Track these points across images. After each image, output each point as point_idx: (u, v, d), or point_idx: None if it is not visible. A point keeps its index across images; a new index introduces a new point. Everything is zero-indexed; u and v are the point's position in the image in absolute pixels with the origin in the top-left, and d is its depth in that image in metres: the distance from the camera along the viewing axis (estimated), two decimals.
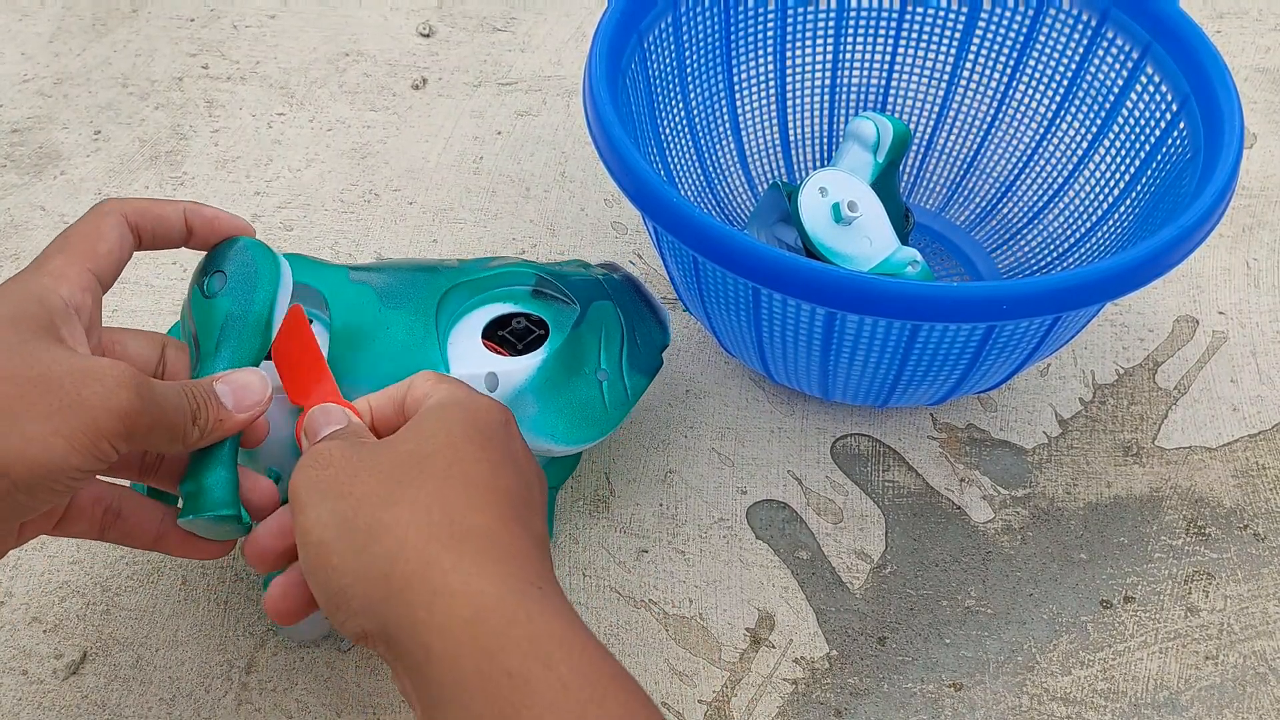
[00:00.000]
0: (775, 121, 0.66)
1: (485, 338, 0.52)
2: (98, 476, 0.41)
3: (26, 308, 0.39)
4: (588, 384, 0.51)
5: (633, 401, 0.53)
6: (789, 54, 0.65)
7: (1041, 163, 0.63)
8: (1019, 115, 0.64)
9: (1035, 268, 0.63)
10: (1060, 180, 0.63)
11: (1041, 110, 0.63)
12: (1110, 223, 0.59)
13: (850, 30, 0.64)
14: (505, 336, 0.52)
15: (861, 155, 0.60)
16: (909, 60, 0.65)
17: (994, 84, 0.64)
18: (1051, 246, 0.63)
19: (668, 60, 0.60)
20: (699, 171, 0.63)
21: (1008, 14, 0.62)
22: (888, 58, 0.65)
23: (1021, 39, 0.62)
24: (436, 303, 0.51)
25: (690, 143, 0.63)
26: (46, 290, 0.40)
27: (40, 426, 0.36)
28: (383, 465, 0.39)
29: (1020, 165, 0.64)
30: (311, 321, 0.52)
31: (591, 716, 0.34)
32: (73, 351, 0.39)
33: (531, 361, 0.51)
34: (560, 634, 0.35)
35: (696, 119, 0.63)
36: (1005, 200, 0.65)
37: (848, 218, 0.56)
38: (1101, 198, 0.60)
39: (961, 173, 0.66)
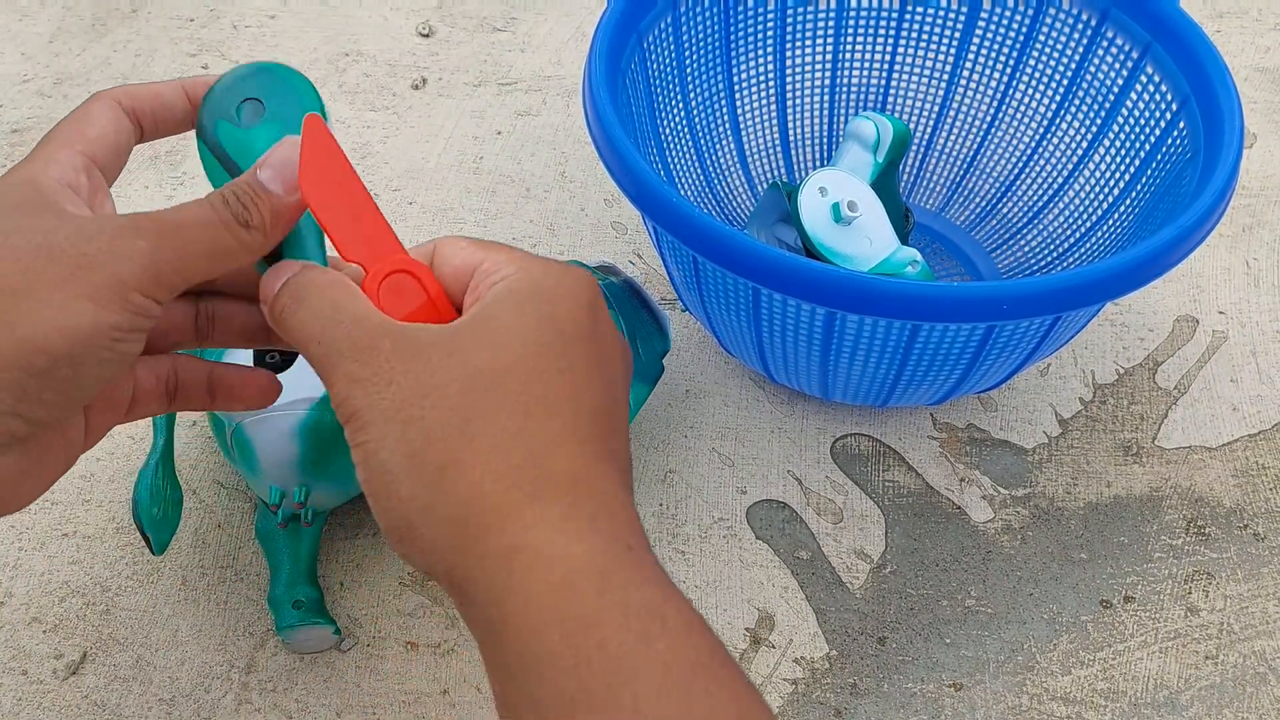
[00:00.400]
0: (775, 121, 0.66)
1: None
2: (157, 355, 0.40)
3: (13, 193, 0.35)
4: None
5: (635, 411, 0.53)
6: (789, 54, 0.65)
7: (1041, 162, 0.63)
8: (1019, 115, 0.64)
9: (1035, 267, 0.63)
10: (1060, 180, 0.63)
11: (1041, 110, 0.63)
12: (1110, 222, 0.59)
13: (850, 30, 0.64)
14: None
15: (861, 155, 0.60)
16: (909, 60, 0.65)
17: (994, 84, 0.64)
18: (1051, 246, 0.63)
19: (668, 60, 0.60)
20: (699, 171, 0.63)
21: (1008, 13, 0.62)
22: (888, 57, 0.65)
23: (1021, 39, 0.62)
24: None
25: (690, 143, 0.63)
26: (34, 173, 0.36)
27: (59, 293, 0.33)
28: (454, 386, 0.34)
29: (1020, 165, 0.64)
30: None
31: (699, 703, 0.31)
32: (69, 215, 0.35)
33: None
34: (657, 605, 0.32)
35: (696, 119, 0.63)
36: (1005, 200, 0.65)
37: (847, 218, 0.56)
38: (1101, 197, 0.60)
39: (961, 172, 0.66)
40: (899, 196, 0.62)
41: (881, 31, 0.64)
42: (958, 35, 0.64)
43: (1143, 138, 0.58)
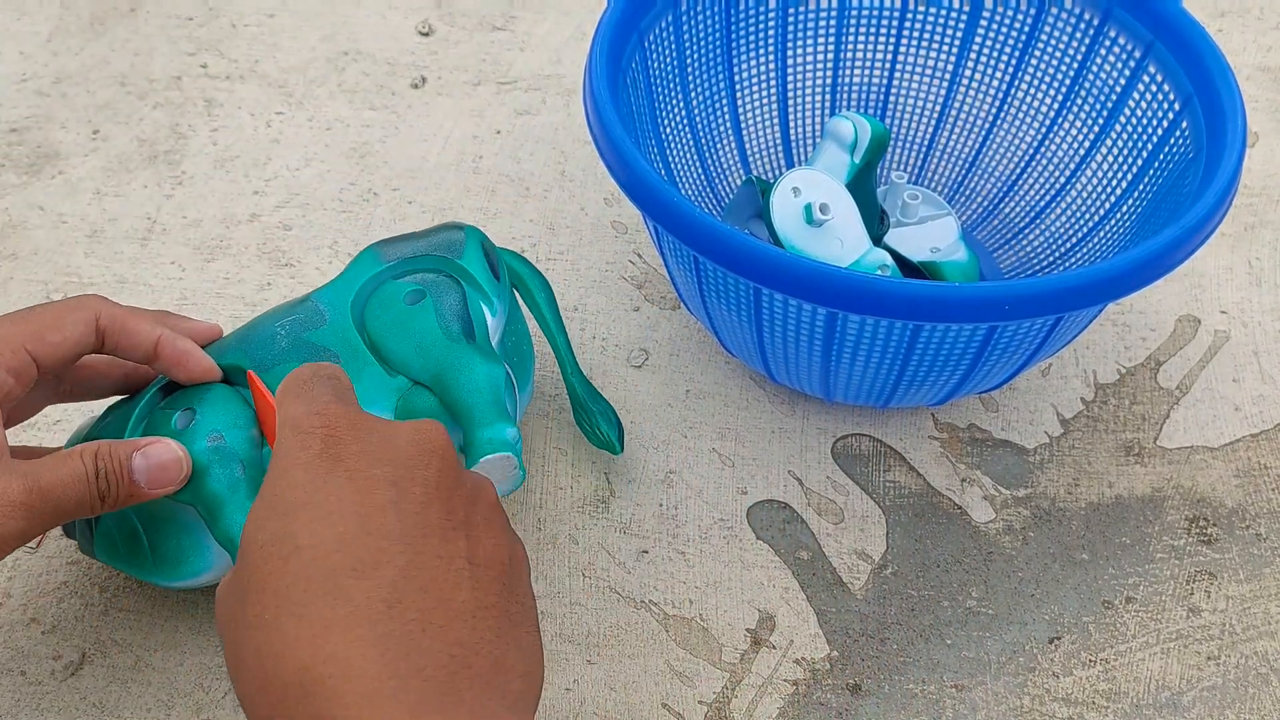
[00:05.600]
0: (776, 120, 0.66)
1: None
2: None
3: None
4: None
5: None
6: (790, 53, 0.64)
7: (1043, 162, 0.63)
8: (1021, 114, 0.64)
9: (1037, 267, 0.63)
10: (1062, 180, 0.62)
11: (1044, 109, 0.63)
12: (1112, 222, 0.59)
13: (851, 29, 0.64)
14: None
15: (838, 155, 0.60)
16: (911, 59, 0.65)
17: (996, 83, 0.64)
18: (1054, 246, 0.62)
19: (668, 59, 0.60)
20: (700, 171, 0.63)
21: (1010, 13, 0.62)
22: (889, 57, 0.65)
23: (1024, 38, 0.62)
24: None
25: (691, 142, 0.63)
26: None
27: None
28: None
29: (1022, 165, 0.64)
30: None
31: None
32: None
33: None
34: None
35: (697, 118, 0.63)
36: (1007, 200, 0.65)
37: (819, 220, 0.56)
38: (1104, 197, 0.60)
39: (963, 172, 0.66)
40: (875, 197, 0.62)
41: (883, 31, 0.64)
42: (960, 34, 0.64)
43: (1145, 137, 0.58)
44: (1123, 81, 0.59)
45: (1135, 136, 0.59)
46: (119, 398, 0.51)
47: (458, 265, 0.53)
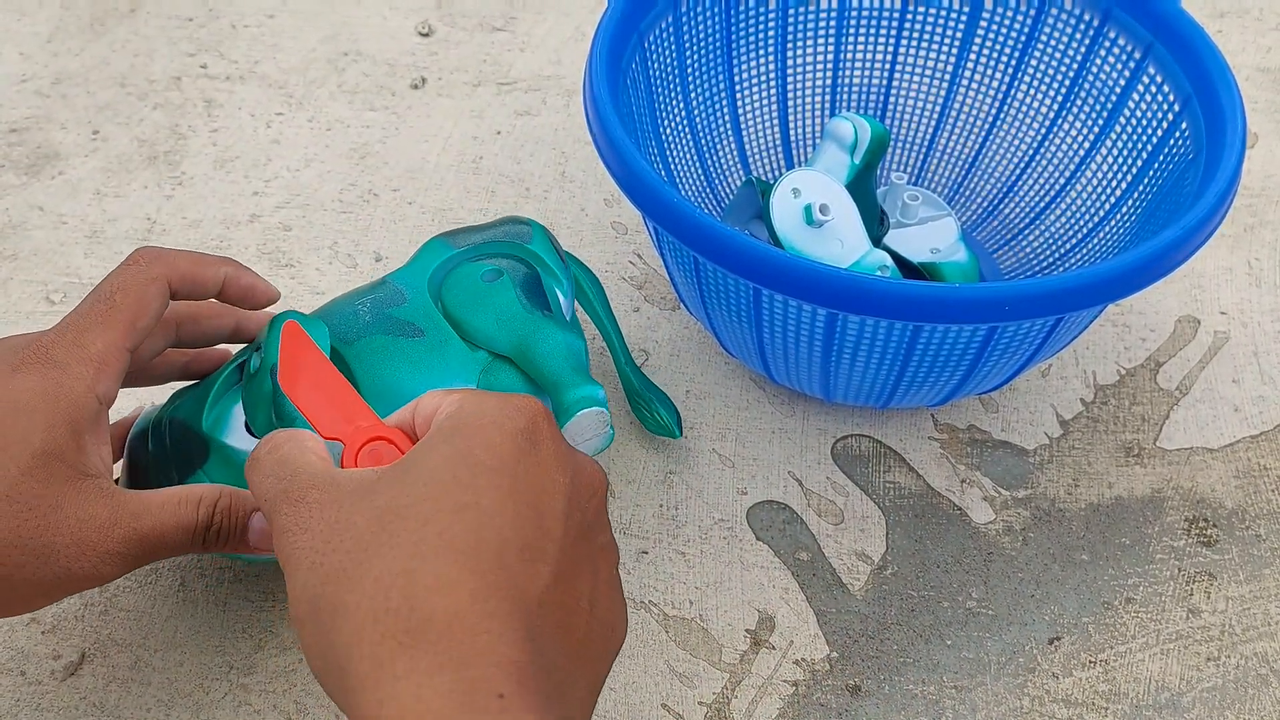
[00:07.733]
0: (776, 121, 0.66)
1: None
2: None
3: (58, 437, 0.41)
4: None
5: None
6: (790, 54, 0.64)
7: (1043, 163, 0.63)
8: (1021, 115, 0.64)
9: (1037, 268, 0.63)
10: (1062, 181, 0.63)
11: (1043, 110, 0.63)
12: (1112, 223, 0.59)
13: (851, 30, 0.64)
14: None
15: (838, 155, 0.60)
16: (910, 60, 0.65)
17: (996, 84, 0.64)
18: (1053, 247, 0.62)
19: (668, 60, 0.60)
20: (700, 171, 0.63)
21: (1009, 13, 0.62)
22: (889, 57, 0.65)
23: (1024, 39, 0.62)
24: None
25: (691, 142, 0.63)
26: (85, 392, 0.42)
27: (33, 592, 0.41)
28: (356, 529, 0.34)
29: (1022, 166, 0.64)
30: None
31: None
32: (79, 515, 0.41)
33: None
34: None
35: (697, 119, 0.63)
36: (1007, 201, 0.65)
37: (819, 220, 0.56)
38: (1104, 198, 0.60)
39: (963, 173, 0.66)
40: (875, 198, 0.62)
41: (883, 31, 0.64)
42: (959, 35, 0.64)
43: (1145, 138, 0.58)
44: (1122, 82, 0.59)
45: (1135, 137, 0.59)
46: (183, 384, 0.53)
47: (528, 250, 0.54)
